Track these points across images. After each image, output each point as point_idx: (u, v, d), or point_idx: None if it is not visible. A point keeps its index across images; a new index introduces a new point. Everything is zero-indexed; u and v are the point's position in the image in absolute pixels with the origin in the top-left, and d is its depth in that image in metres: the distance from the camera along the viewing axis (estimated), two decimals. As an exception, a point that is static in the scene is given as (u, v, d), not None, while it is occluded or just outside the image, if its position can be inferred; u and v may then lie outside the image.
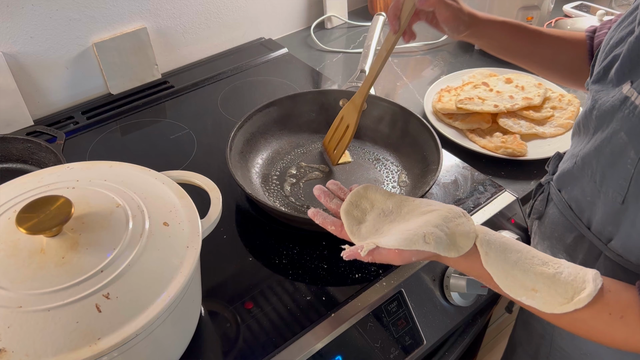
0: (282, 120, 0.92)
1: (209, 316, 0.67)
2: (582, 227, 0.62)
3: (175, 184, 0.60)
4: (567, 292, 0.49)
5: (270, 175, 0.86)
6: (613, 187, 0.54)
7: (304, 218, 0.69)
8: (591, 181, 0.58)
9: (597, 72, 0.58)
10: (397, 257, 0.53)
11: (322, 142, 0.91)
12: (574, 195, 0.63)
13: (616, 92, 0.53)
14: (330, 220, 0.61)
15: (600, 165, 0.56)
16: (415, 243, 0.52)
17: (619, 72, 0.53)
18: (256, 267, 0.72)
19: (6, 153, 0.86)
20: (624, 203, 0.53)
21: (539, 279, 0.50)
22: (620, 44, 0.55)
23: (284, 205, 0.80)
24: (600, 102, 0.55)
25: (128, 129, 1.00)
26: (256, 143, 0.89)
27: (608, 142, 0.54)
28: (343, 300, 0.67)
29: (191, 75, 1.14)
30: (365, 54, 1.03)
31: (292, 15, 1.33)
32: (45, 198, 0.51)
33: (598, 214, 0.58)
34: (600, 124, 0.56)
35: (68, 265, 0.48)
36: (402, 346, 0.68)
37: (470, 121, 0.98)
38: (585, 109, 0.60)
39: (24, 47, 0.95)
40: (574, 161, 0.62)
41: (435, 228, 0.54)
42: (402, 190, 0.83)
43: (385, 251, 0.54)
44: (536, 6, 1.19)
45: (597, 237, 0.60)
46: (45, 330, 0.44)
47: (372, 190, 0.63)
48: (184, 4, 1.11)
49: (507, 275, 0.51)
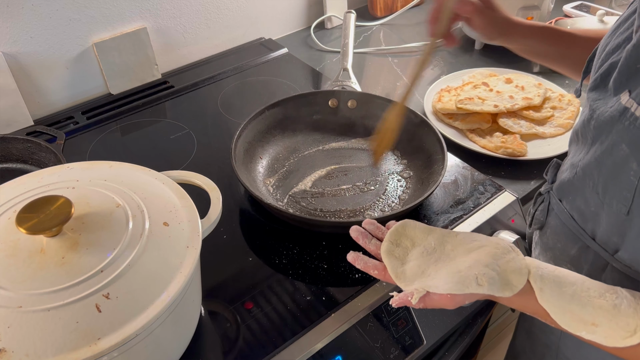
0: (282, 123, 0.92)
1: (209, 316, 0.67)
2: (587, 237, 0.61)
3: (175, 184, 0.60)
4: (629, 325, 0.48)
5: (276, 175, 0.86)
6: (617, 198, 0.53)
7: (325, 221, 0.72)
8: (593, 192, 0.57)
9: (594, 80, 0.57)
10: (449, 302, 0.52)
11: (318, 144, 0.92)
12: (577, 206, 0.62)
13: (614, 102, 0.52)
14: (372, 264, 0.59)
15: (602, 176, 0.55)
16: (468, 286, 0.51)
17: (617, 81, 0.52)
18: (256, 267, 0.72)
19: (6, 153, 0.86)
20: (629, 214, 0.53)
21: (598, 312, 0.49)
22: (617, 51, 0.54)
23: (292, 206, 0.80)
24: (598, 112, 0.55)
25: (128, 129, 1.00)
26: (257, 147, 0.88)
27: (609, 154, 0.53)
28: (343, 300, 0.67)
29: (191, 75, 1.14)
30: (345, 52, 1.04)
31: (292, 15, 1.33)
32: (45, 198, 0.51)
33: (603, 225, 0.58)
34: (598, 135, 0.55)
35: (68, 265, 0.48)
36: (402, 346, 0.68)
37: (470, 121, 0.98)
38: (582, 117, 0.59)
39: (24, 47, 0.95)
40: (574, 171, 0.61)
41: (486, 268, 0.52)
42: (408, 189, 0.84)
43: (437, 296, 0.52)
44: (536, 6, 1.19)
45: (603, 247, 0.58)
46: (45, 330, 0.44)
47: (411, 227, 0.61)
48: (184, 4, 1.11)
49: (565, 311, 0.50)
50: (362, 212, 0.80)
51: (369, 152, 0.91)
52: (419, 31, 1.36)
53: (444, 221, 0.79)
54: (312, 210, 0.80)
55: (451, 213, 0.80)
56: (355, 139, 0.94)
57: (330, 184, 0.85)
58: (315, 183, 0.85)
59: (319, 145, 0.92)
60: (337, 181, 0.85)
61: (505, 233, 0.78)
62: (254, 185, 0.82)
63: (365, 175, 0.87)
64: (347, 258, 0.60)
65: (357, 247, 0.74)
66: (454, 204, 0.81)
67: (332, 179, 0.86)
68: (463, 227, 0.78)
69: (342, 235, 0.76)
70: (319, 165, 0.88)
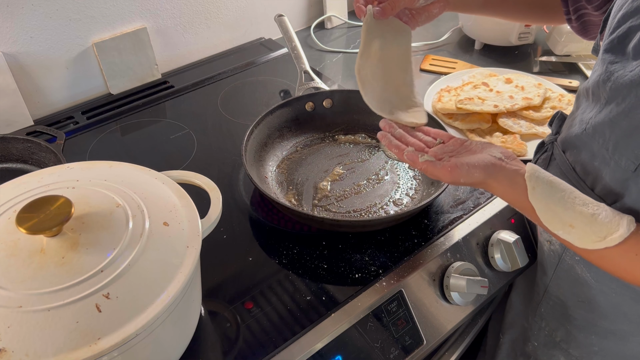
0: (270, 139, 0.90)
1: (209, 316, 0.67)
2: (586, 189, 0.63)
3: (175, 184, 0.60)
4: (602, 231, 0.53)
5: (289, 190, 0.84)
6: (627, 155, 0.55)
7: (377, 219, 0.74)
8: (602, 148, 0.59)
9: (609, 41, 0.57)
10: (448, 175, 0.58)
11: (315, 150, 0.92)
12: (581, 159, 0.64)
13: (634, 66, 0.53)
14: (395, 143, 0.66)
15: (615, 135, 0.57)
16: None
17: (638, 47, 0.53)
18: (256, 267, 0.72)
19: (6, 153, 0.86)
20: (635, 171, 0.55)
21: (578, 216, 0.54)
22: (636, 16, 0.54)
23: (326, 214, 0.80)
24: (617, 75, 0.55)
25: (128, 129, 1.00)
26: (259, 168, 0.85)
27: (625, 116, 0.55)
28: (343, 300, 0.67)
29: (191, 75, 1.14)
30: (297, 55, 1.05)
31: (292, 15, 1.33)
32: (45, 198, 0.51)
33: (605, 179, 0.60)
34: (614, 96, 0.56)
35: (68, 265, 0.48)
36: (402, 346, 0.68)
37: (470, 121, 0.98)
38: (596, 77, 0.60)
39: (24, 47, 0.95)
40: (583, 127, 0.62)
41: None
42: (419, 186, 0.85)
43: (439, 166, 0.59)
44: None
45: (602, 198, 0.61)
46: (45, 330, 0.44)
47: None
48: (184, 4, 1.11)
49: (549, 209, 0.55)
50: (394, 201, 0.81)
51: (361, 145, 0.93)
52: (419, 31, 1.35)
53: (444, 221, 0.79)
54: (344, 213, 0.79)
55: (451, 213, 0.80)
56: (345, 136, 0.94)
57: (345, 185, 0.85)
58: (332, 187, 0.84)
59: (315, 152, 0.91)
60: (351, 179, 0.85)
61: (506, 233, 0.78)
62: (266, 187, 0.82)
63: (372, 167, 0.88)
64: (378, 135, 0.69)
65: (359, 248, 0.74)
66: (454, 204, 0.82)
67: (344, 179, 0.86)
68: (463, 227, 0.78)
69: (343, 236, 0.76)
70: (324, 168, 0.88)
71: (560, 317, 0.77)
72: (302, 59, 1.04)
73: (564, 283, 0.74)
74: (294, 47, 1.06)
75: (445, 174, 0.58)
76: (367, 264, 0.72)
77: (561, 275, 0.74)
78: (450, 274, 0.72)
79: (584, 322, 0.73)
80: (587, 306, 0.71)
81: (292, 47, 1.06)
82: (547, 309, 0.79)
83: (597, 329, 0.72)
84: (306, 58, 1.04)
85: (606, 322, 0.71)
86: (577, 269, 0.70)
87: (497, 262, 0.77)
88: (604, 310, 0.70)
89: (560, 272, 0.73)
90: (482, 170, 0.58)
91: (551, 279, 0.76)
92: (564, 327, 0.76)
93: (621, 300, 0.67)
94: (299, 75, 1.02)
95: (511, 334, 0.88)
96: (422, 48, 1.28)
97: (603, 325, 0.71)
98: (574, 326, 0.75)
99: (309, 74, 1.02)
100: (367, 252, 0.74)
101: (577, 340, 0.76)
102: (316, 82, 1.01)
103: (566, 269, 0.72)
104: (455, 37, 1.32)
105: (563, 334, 0.77)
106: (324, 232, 0.76)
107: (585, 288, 0.70)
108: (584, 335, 0.74)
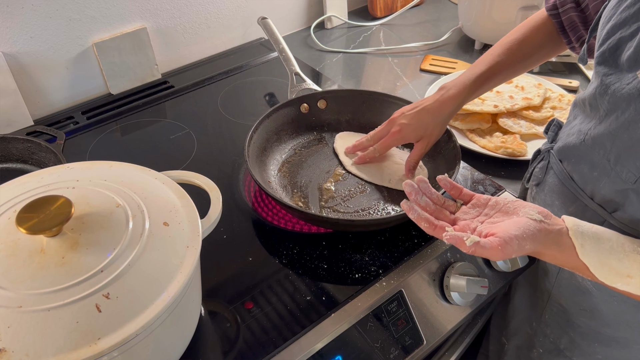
0: (269, 142, 0.89)
1: (209, 316, 0.67)
2: (585, 197, 0.63)
3: (175, 184, 0.60)
4: None
5: (295, 194, 0.83)
6: (628, 167, 0.55)
7: (392, 217, 0.73)
8: (603, 159, 0.59)
9: (601, 54, 0.57)
10: (500, 253, 0.53)
11: (313, 151, 0.92)
12: (579, 169, 0.64)
13: (630, 79, 0.53)
14: (425, 217, 0.58)
15: (616, 147, 0.57)
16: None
17: (632, 59, 0.53)
18: (256, 267, 0.72)
19: (6, 153, 0.86)
20: (635, 183, 0.55)
21: (633, 265, 0.53)
22: (625, 27, 0.54)
23: (336, 215, 0.79)
24: (613, 88, 0.55)
25: (128, 129, 1.00)
26: (263, 172, 0.85)
27: (626, 129, 0.55)
28: (343, 300, 0.67)
29: (191, 75, 1.14)
30: (286, 57, 1.04)
31: (292, 15, 1.33)
32: (45, 198, 0.51)
33: (604, 189, 0.59)
34: (613, 109, 0.56)
35: (68, 265, 0.48)
36: (402, 346, 0.68)
37: (470, 121, 0.98)
38: (592, 89, 0.60)
39: (24, 47, 0.95)
40: (582, 138, 0.62)
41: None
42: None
43: (488, 246, 0.53)
44: (536, 6, 1.19)
45: (602, 207, 0.60)
46: (45, 330, 0.44)
47: None
48: (184, 4, 1.11)
49: (603, 265, 0.53)
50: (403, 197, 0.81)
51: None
52: (419, 31, 1.36)
53: (444, 221, 0.79)
54: (353, 212, 0.79)
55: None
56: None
57: (349, 184, 0.84)
58: (337, 187, 0.84)
59: (314, 153, 0.91)
60: (354, 179, 0.85)
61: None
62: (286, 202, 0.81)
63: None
64: (402, 205, 0.60)
65: (359, 248, 0.74)
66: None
67: (347, 179, 0.85)
68: (463, 227, 0.78)
69: (343, 235, 0.76)
70: (326, 169, 0.87)
71: (564, 325, 0.76)
72: (291, 60, 1.03)
73: (566, 291, 0.73)
74: (282, 49, 1.05)
75: (497, 253, 0.52)
76: (367, 264, 0.72)
77: (563, 284, 0.73)
78: (451, 274, 0.72)
79: (586, 329, 0.73)
80: (590, 314, 0.71)
81: (279, 49, 1.06)
82: (550, 316, 0.78)
83: (600, 336, 0.72)
84: (305, 59, 1.04)
85: (609, 330, 0.70)
86: (578, 277, 0.70)
87: (497, 262, 0.77)
88: (606, 318, 0.69)
89: (561, 280, 0.73)
90: (532, 241, 0.53)
91: (554, 286, 0.75)
92: (568, 334, 0.76)
93: (623, 308, 0.67)
94: (289, 77, 1.01)
95: (516, 340, 0.87)
96: (422, 48, 1.28)
97: (606, 333, 0.71)
98: (577, 334, 0.74)
99: (300, 76, 1.01)
100: (367, 252, 0.74)
101: (580, 348, 0.75)
102: (307, 83, 1.00)
103: (567, 277, 0.72)
104: (455, 37, 1.32)
105: (567, 342, 0.76)
106: (324, 232, 0.76)
107: (586, 296, 0.69)
108: (587, 343, 0.74)
